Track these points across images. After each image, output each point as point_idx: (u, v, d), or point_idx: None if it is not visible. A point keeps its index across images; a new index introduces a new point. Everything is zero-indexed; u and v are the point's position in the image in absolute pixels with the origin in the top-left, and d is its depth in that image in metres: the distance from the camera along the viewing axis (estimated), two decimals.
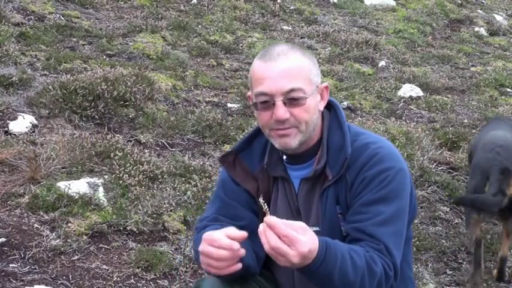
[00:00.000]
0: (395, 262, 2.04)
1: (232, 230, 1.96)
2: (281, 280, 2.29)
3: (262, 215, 2.00)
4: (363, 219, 2.06)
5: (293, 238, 1.80)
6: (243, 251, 1.92)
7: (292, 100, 2.07)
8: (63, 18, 7.33)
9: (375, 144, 2.14)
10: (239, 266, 1.94)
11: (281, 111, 2.06)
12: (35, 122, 4.97)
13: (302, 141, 2.13)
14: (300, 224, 1.85)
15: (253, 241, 2.06)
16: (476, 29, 10.77)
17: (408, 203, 2.15)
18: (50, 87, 5.28)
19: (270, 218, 1.83)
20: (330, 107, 2.25)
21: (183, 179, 4.53)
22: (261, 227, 1.84)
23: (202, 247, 1.94)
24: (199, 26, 8.24)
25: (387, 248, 2.03)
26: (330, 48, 8.39)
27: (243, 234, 1.94)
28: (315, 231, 2.13)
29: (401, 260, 2.22)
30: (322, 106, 2.19)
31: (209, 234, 1.94)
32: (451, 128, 6.38)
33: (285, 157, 2.22)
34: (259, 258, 2.18)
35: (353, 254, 1.97)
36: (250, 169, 2.26)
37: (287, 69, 2.06)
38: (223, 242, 1.91)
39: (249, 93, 2.21)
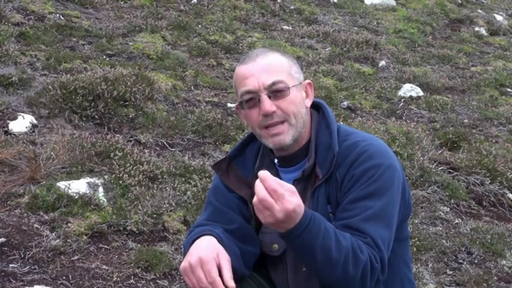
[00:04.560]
0: (383, 256, 2.04)
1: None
2: (276, 279, 2.31)
3: (255, 222, 2.13)
4: (351, 216, 2.06)
5: (281, 194, 1.84)
6: None
7: (276, 92, 2.10)
8: (63, 18, 7.33)
9: (364, 142, 2.15)
10: None
11: (267, 104, 2.09)
12: (35, 122, 4.96)
13: (295, 137, 2.15)
14: (290, 187, 1.88)
15: (243, 243, 2.15)
16: (477, 28, 10.76)
17: (398, 199, 2.15)
18: (50, 87, 5.28)
19: (263, 172, 1.86)
20: (318, 108, 2.27)
21: (183, 179, 4.53)
22: (257, 182, 1.87)
23: (195, 263, 1.97)
24: (199, 26, 8.24)
25: (375, 241, 2.03)
26: (330, 48, 8.39)
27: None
28: None
29: (398, 260, 2.22)
30: (308, 103, 2.21)
31: (205, 261, 1.96)
32: (451, 128, 6.38)
33: (276, 161, 2.23)
34: (251, 255, 2.20)
35: (338, 234, 1.99)
36: (244, 175, 2.27)
37: (267, 64, 2.12)
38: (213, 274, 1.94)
39: (236, 104, 2.23)
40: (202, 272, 1.93)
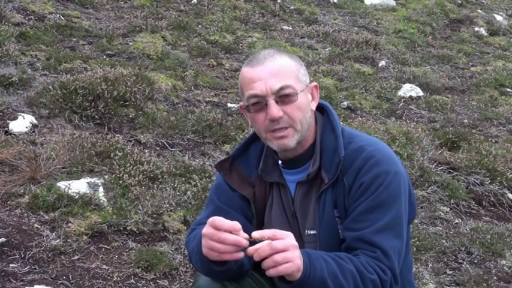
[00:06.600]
0: (393, 267, 2.05)
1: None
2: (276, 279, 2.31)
3: (257, 222, 2.17)
4: (361, 228, 2.07)
5: (293, 244, 1.89)
6: (246, 242, 1.92)
7: (284, 97, 2.09)
8: (63, 18, 7.33)
9: (370, 146, 2.15)
10: (241, 254, 1.93)
11: (274, 110, 2.08)
12: (35, 122, 4.97)
13: (299, 141, 2.15)
14: (283, 233, 1.91)
15: None
16: (476, 29, 10.77)
17: (406, 206, 2.16)
18: (50, 87, 5.29)
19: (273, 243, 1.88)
20: (322, 110, 2.27)
21: (183, 179, 4.53)
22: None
23: (206, 229, 1.95)
24: (199, 26, 8.24)
25: (385, 253, 2.04)
26: (330, 48, 8.39)
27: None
28: (311, 234, 2.17)
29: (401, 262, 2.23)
30: (314, 106, 2.21)
31: (213, 219, 1.95)
32: (451, 128, 6.38)
33: (280, 162, 2.23)
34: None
35: (336, 257, 2.00)
36: (247, 175, 2.27)
37: (275, 69, 2.10)
38: (226, 223, 1.92)
39: (240, 103, 2.22)
40: (220, 233, 1.91)
